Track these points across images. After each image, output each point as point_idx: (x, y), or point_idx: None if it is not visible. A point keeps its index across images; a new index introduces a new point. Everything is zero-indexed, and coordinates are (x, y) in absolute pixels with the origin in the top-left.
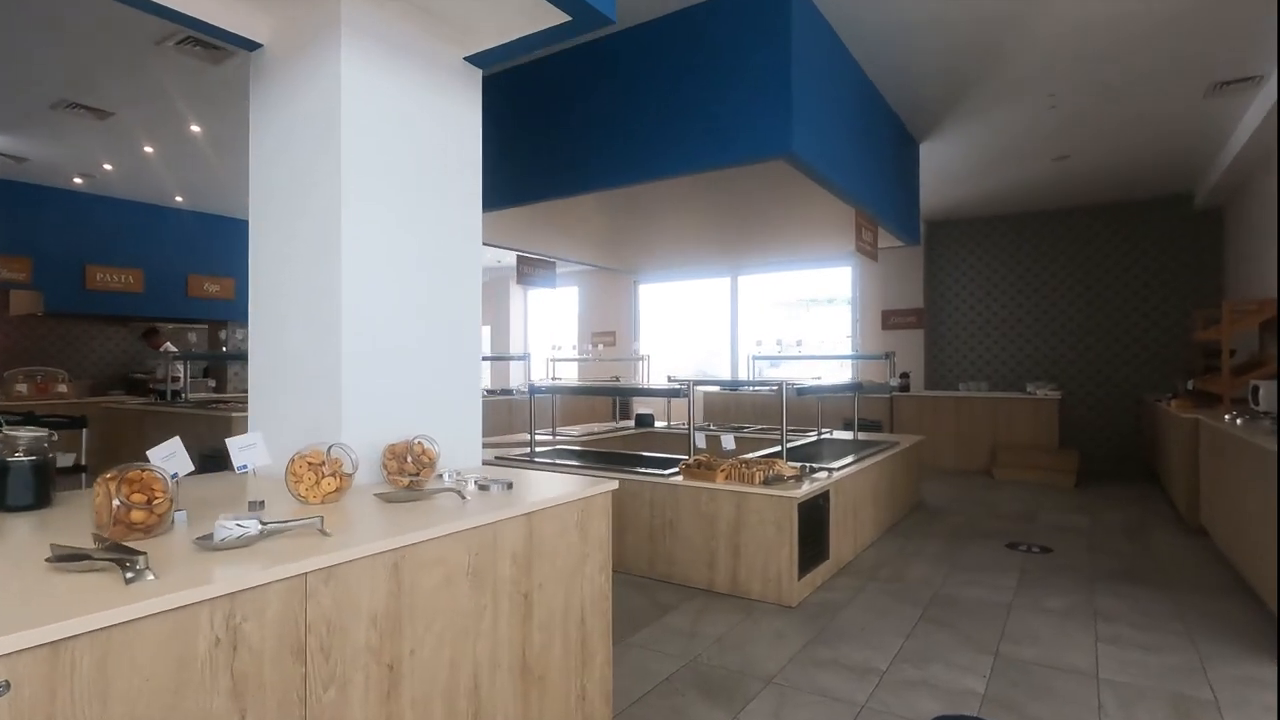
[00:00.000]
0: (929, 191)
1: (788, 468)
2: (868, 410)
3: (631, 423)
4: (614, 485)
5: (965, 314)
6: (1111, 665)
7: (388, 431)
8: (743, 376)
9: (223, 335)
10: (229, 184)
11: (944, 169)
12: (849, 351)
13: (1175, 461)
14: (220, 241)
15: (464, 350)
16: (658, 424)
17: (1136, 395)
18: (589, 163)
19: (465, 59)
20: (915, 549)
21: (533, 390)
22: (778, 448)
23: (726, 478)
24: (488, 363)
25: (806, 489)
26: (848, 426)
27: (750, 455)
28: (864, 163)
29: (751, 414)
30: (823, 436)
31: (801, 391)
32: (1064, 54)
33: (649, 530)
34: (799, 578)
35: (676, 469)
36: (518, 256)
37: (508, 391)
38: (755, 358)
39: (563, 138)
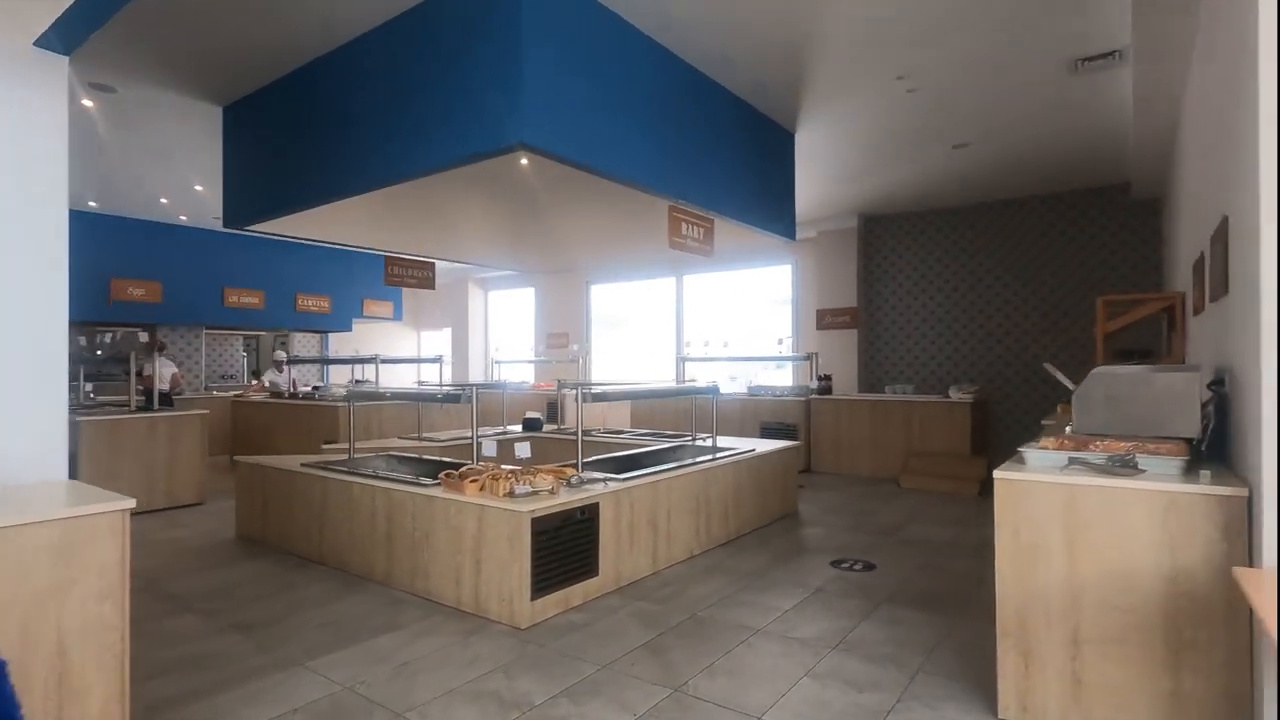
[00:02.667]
0: (842, 183)
1: (548, 479)
2: (785, 414)
3: (519, 427)
4: (129, 504)
5: (902, 313)
6: (790, 705)
7: None
8: (674, 377)
9: None
10: None
11: (839, 159)
12: (788, 353)
13: None
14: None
15: (46, 350)
16: (546, 428)
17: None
18: (352, 165)
19: (36, 45)
20: (730, 565)
21: (352, 396)
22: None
23: (480, 489)
24: (438, 364)
25: (550, 503)
26: (761, 431)
27: (548, 465)
28: (683, 153)
29: (673, 418)
30: (684, 444)
31: (631, 396)
32: (886, 35)
33: (410, 543)
34: (533, 598)
35: (438, 480)
36: (386, 257)
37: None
38: (684, 359)
39: (334, 141)
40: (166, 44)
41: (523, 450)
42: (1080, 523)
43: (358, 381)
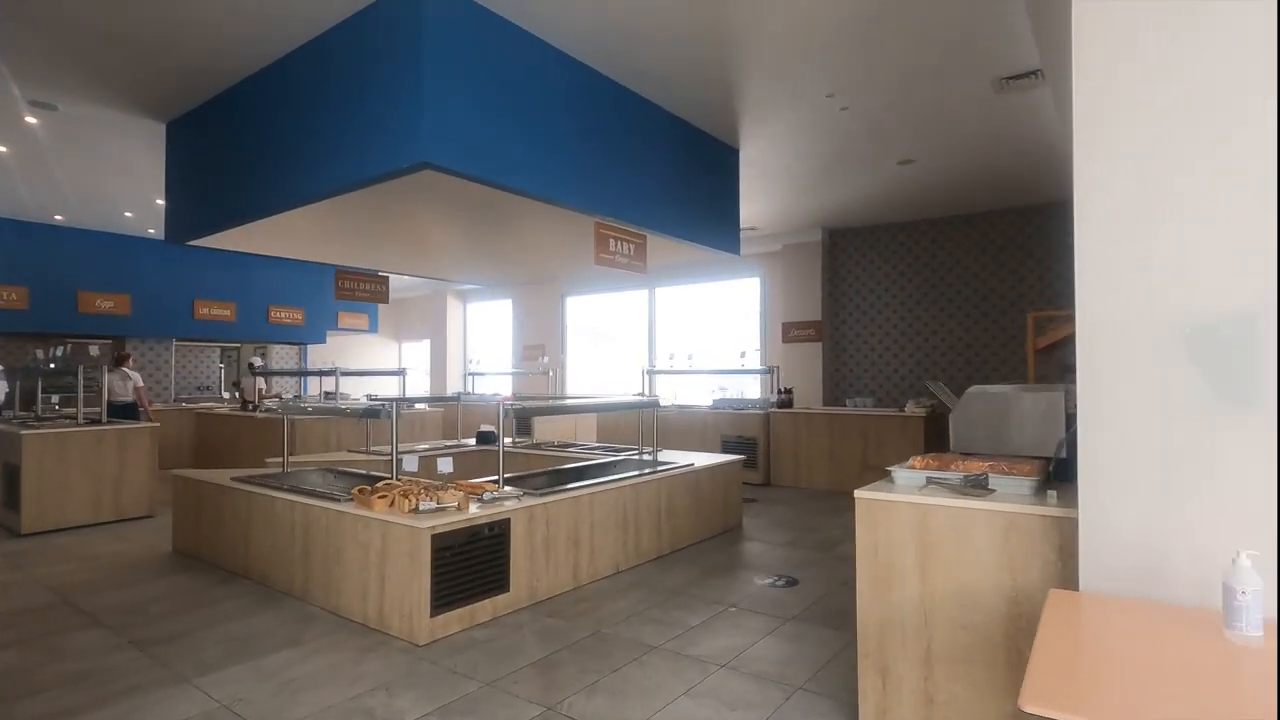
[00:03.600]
0: (803, 197)
1: (456, 495)
2: (745, 427)
3: (473, 441)
4: None
5: (866, 326)
6: None
7: None
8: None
9: None
10: None
11: (792, 174)
12: (752, 365)
13: None
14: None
15: None
16: (517, 440)
17: None
18: (275, 183)
19: None
20: (653, 581)
21: (286, 410)
22: (570, 466)
23: (390, 505)
24: (400, 376)
25: (453, 519)
26: (722, 445)
27: (470, 481)
28: (611, 171)
29: (662, 431)
30: (628, 458)
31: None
32: (810, 54)
33: (324, 558)
34: (433, 614)
35: (350, 496)
36: (335, 271)
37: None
38: (649, 371)
39: (261, 159)
40: (104, 61)
41: (444, 465)
42: (931, 543)
43: (328, 394)
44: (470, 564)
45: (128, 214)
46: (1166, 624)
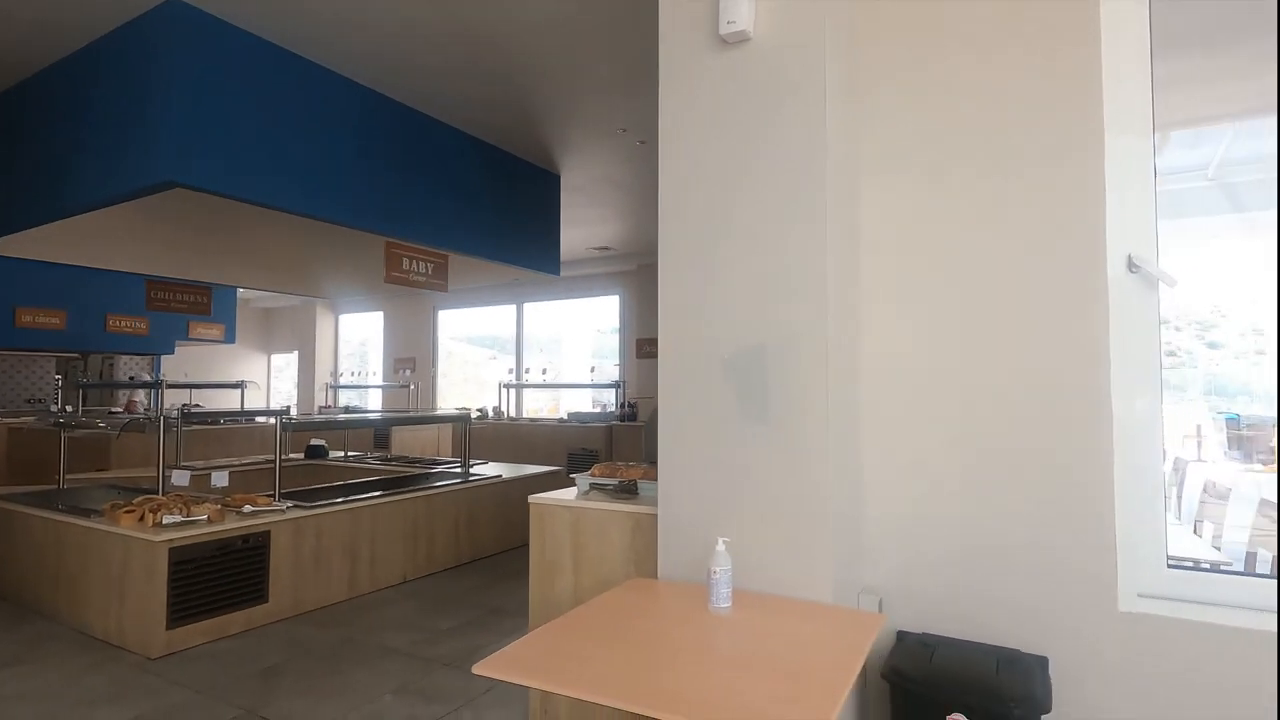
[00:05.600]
0: (644, 219)
1: (205, 508)
2: (589, 440)
3: (301, 454)
4: None
5: None
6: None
7: None
8: (500, 405)
9: None
10: None
11: (619, 201)
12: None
13: None
14: None
15: None
16: (375, 453)
17: None
18: (43, 194)
19: None
20: (437, 590)
21: (66, 425)
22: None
23: (139, 519)
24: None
25: (195, 532)
26: (568, 457)
27: (251, 495)
28: (404, 191)
29: (512, 445)
30: (441, 470)
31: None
32: (594, 89)
33: (71, 575)
34: (170, 627)
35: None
36: (146, 281)
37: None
38: (506, 385)
39: (32, 168)
40: None
41: (219, 479)
42: (581, 541)
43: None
44: (219, 576)
45: None
46: (683, 600)
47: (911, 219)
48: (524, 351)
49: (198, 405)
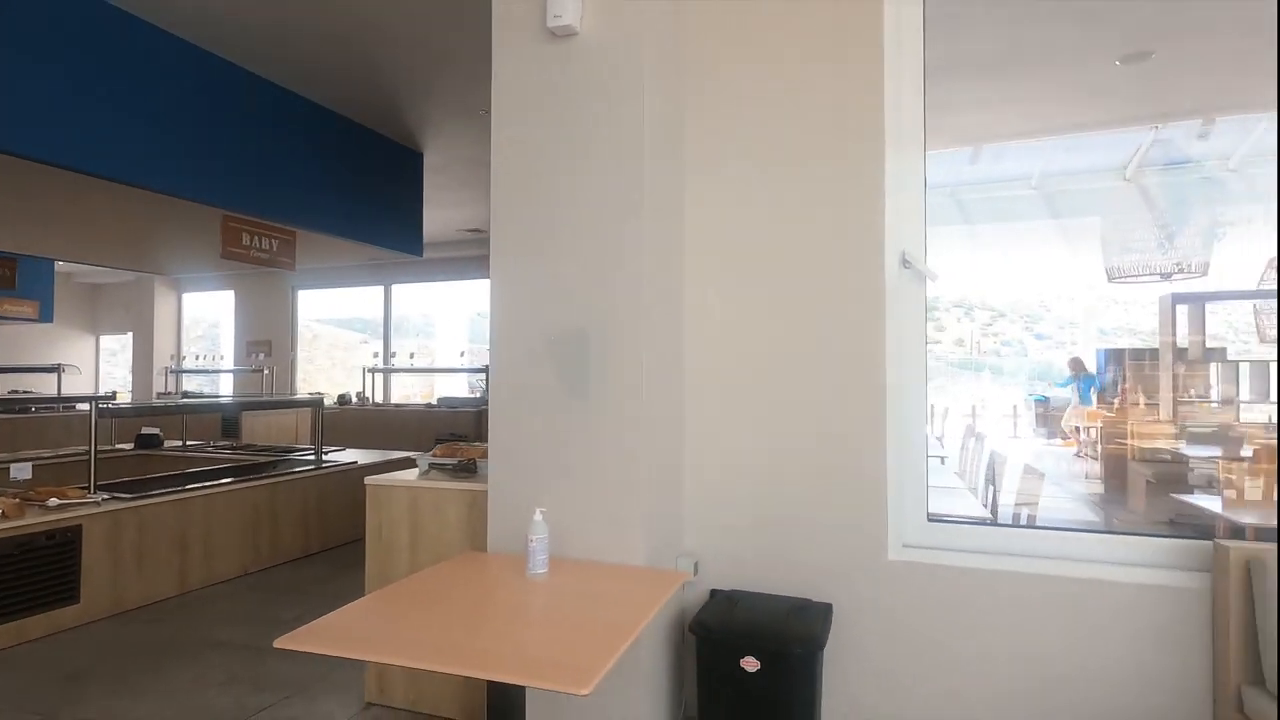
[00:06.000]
0: None
1: (6, 502)
2: (457, 425)
3: (131, 445)
4: None
5: None
6: (168, 713)
7: None
8: (366, 389)
9: None
10: None
11: (485, 184)
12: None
13: None
14: None
15: None
16: (173, 444)
17: None
18: None
19: None
20: (280, 580)
21: None
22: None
23: None
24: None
25: None
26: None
27: (62, 487)
28: (247, 164)
29: (380, 431)
30: (293, 457)
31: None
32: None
33: None
34: None
35: None
36: None
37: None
38: (371, 370)
39: None
40: None
41: (19, 472)
42: (419, 521)
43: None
44: (17, 577)
45: None
46: (505, 569)
47: (729, 213)
48: (393, 335)
49: (17, 391)
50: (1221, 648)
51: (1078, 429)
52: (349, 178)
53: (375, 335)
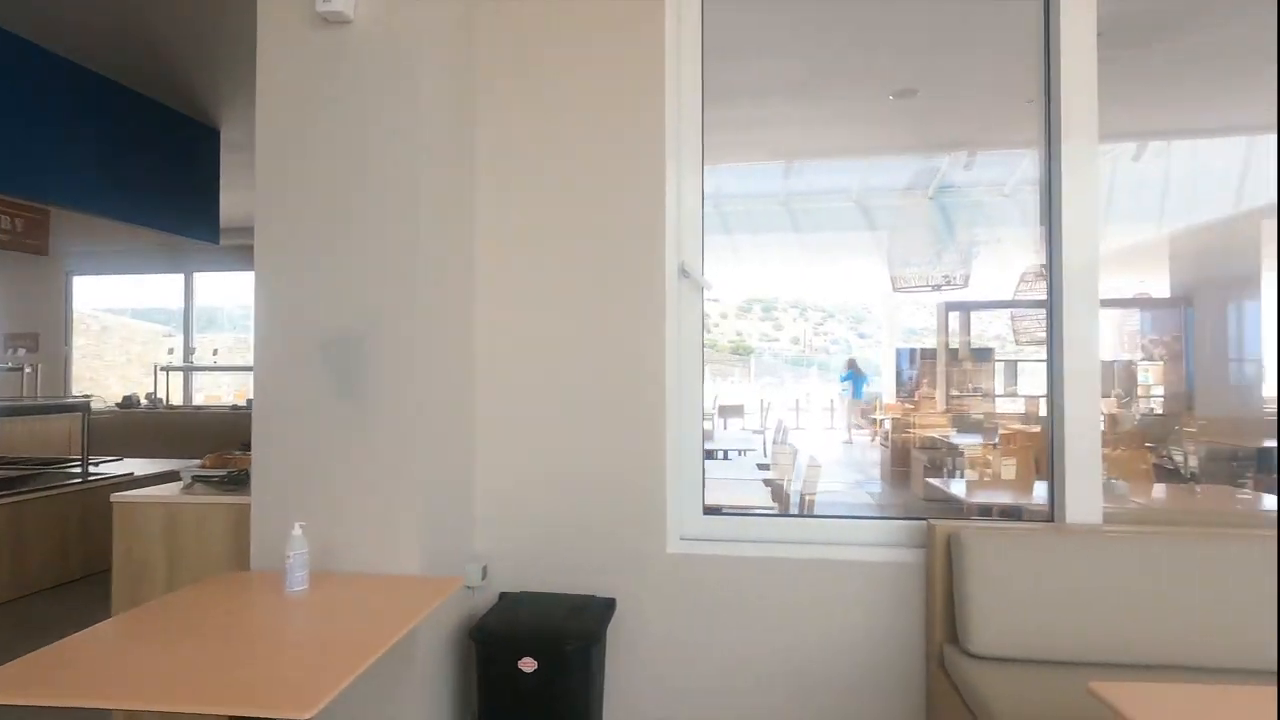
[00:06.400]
0: None
1: None
2: None
3: None
4: None
5: None
6: None
7: None
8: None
9: None
10: None
11: None
12: None
13: None
14: None
15: None
16: None
17: None
18: None
19: None
20: (28, 616)
21: None
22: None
23: None
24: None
25: None
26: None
27: None
28: None
29: (180, 437)
30: (47, 470)
31: None
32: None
33: None
34: None
35: None
36: None
37: None
38: (166, 368)
39: None
40: None
41: None
42: (178, 541)
43: None
44: None
45: None
46: (263, 588)
47: (520, 224)
48: (200, 328)
49: None
50: (931, 613)
51: (876, 421)
52: (124, 152)
53: (180, 328)
